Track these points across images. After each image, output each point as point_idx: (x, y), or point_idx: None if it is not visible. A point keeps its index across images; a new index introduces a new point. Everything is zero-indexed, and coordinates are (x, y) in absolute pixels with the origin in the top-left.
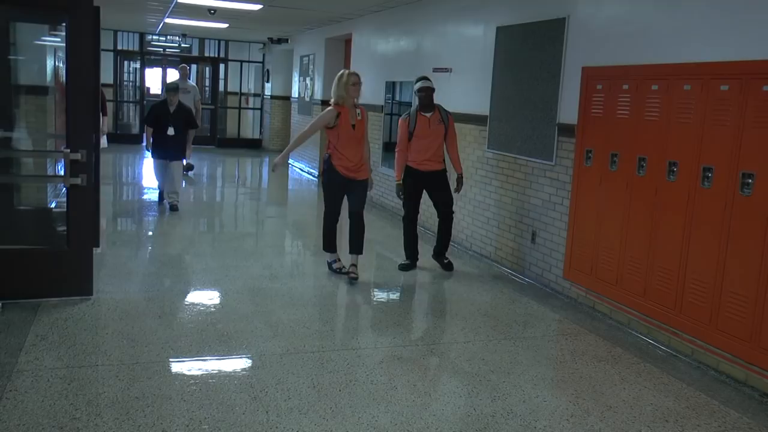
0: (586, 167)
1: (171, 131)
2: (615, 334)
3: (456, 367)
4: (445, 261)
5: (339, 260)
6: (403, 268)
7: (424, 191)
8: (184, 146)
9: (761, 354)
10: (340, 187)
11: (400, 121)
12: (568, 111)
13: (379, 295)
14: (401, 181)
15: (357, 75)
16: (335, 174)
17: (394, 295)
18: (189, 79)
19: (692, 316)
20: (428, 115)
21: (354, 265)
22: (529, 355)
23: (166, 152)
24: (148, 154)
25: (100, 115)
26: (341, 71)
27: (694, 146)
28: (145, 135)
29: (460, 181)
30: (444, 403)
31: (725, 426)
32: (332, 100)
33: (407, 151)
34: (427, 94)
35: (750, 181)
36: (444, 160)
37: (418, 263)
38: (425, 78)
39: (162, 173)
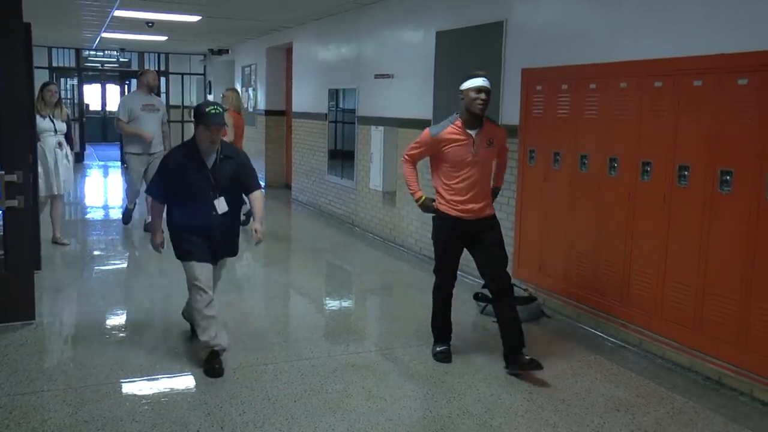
0: (530, 166)
1: (221, 206)
2: (565, 329)
3: (411, 370)
4: (527, 358)
5: None
6: (442, 357)
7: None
8: (238, 228)
9: (704, 340)
10: None
11: (425, 131)
12: (510, 112)
13: (331, 304)
14: (422, 196)
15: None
16: None
17: (346, 303)
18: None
19: (639, 307)
20: (474, 132)
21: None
22: (483, 355)
23: (212, 249)
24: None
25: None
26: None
27: (632, 142)
28: (150, 214)
29: (494, 193)
30: (400, 408)
31: (673, 411)
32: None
33: (441, 190)
34: (486, 98)
35: (686, 173)
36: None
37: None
38: (484, 76)
39: (204, 289)
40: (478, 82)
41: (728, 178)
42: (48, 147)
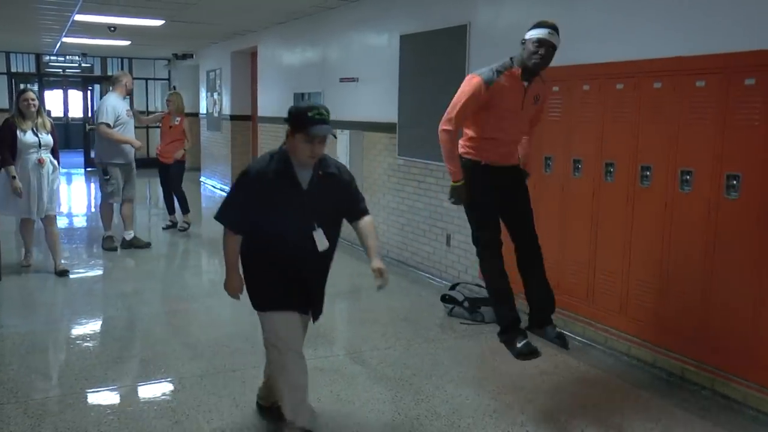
0: None
1: (322, 241)
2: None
3: (379, 373)
4: (557, 332)
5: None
6: (529, 351)
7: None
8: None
9: (667, 336)
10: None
11: (472, 79)
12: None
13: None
14: (461, 180)
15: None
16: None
17: None
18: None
19: (604, 305)
20: (527, 84)
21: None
22: (450, 356)
23: (304, 297)
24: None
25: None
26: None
27: (596, 144)
28: (225, 258)
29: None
30: (368, 411)
31: (637, 407)
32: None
33: (470, 131)
34: (547, 53)
35: (648, 173)
36: None
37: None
38: (553, 27)
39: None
40: (541, 33)
41: (688, 177)
42: (31, 164)
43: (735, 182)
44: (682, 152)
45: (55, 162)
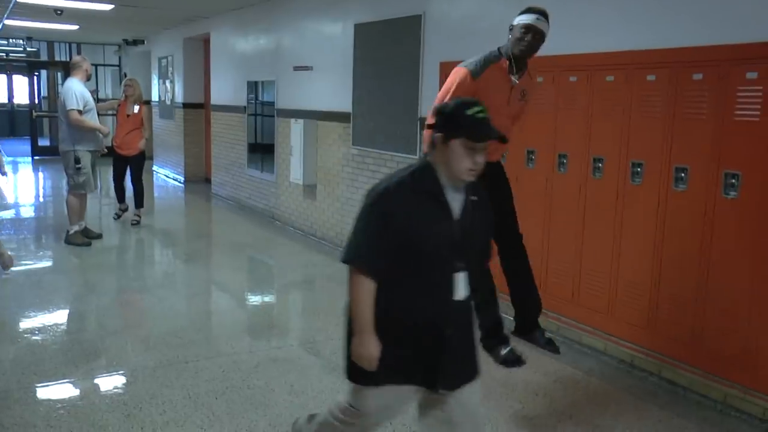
0: None
1: (461, 287)
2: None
3: (332, 363)
4: (546, 337)
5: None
6: (512, 359)
7: None
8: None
9: (616, 324)
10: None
11: (459, 70)
12: (429, 105)
13: (253, 299)
14: None
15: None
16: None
17: (268, 298)
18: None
19: (556, 294)
20: (515, 78)
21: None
22: None
23: (433, 364)
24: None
25: None
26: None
27: (550, 135)
28: (357, 314)
29: None
30: (322, 401)
31: (588, 394)
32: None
33: None
34: (534, 41)
35: (600, 165)
36: None
37: None
38: (541, 12)
39: None
40: (528, 19)
41: (639, 169)
42: None
43: (683, 174)
44: (633, 144)
45: None
